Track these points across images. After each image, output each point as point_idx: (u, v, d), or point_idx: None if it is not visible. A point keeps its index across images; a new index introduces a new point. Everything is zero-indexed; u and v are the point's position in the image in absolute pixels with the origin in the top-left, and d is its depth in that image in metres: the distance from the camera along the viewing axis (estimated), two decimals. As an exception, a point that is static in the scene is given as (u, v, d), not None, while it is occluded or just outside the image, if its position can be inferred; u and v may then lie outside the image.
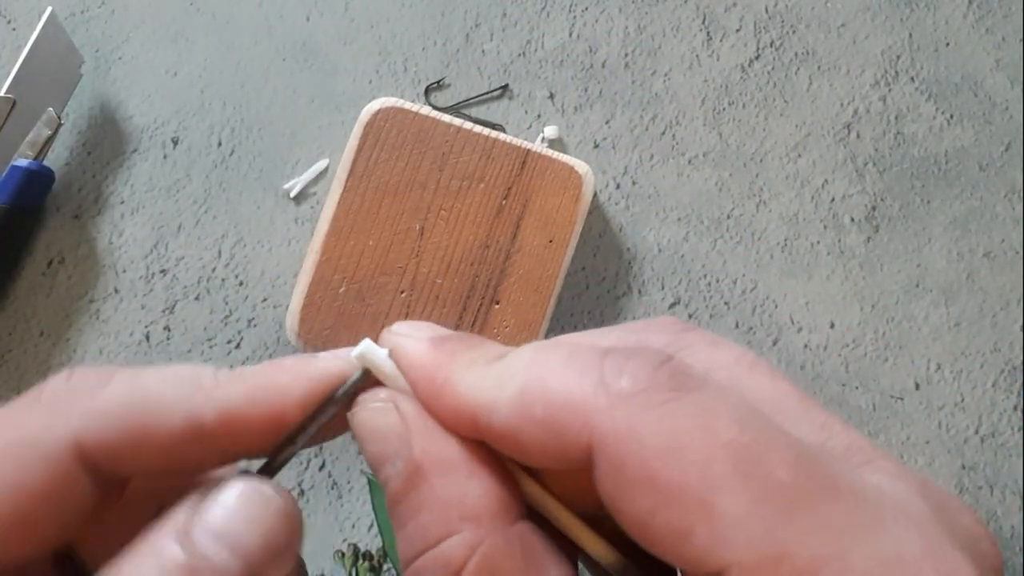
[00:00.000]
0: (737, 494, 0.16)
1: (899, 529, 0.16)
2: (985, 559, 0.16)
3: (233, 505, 0.18)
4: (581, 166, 0.41)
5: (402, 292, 0.41)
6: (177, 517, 0.18)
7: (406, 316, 0.40)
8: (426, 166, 0.41)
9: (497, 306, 0.41)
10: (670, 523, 0.16)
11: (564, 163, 0.41)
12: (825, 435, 0.18)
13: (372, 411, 0.19)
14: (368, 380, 0.20)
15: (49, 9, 0.44)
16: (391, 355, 0.20)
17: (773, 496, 0.16)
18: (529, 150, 0.41)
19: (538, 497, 0.19)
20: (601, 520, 0.19)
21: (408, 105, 0.41)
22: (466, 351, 0.20)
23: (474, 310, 0.41)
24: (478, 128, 0.41)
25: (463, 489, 0.18)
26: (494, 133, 0.41)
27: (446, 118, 0.41)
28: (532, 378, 0.18)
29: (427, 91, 0.47)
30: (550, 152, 0.41)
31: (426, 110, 0.41)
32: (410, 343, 0.20)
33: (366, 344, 0.20)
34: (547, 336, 0.41)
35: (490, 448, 0.19)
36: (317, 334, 0.40)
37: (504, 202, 0.41)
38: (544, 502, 0.19)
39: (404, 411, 0.19)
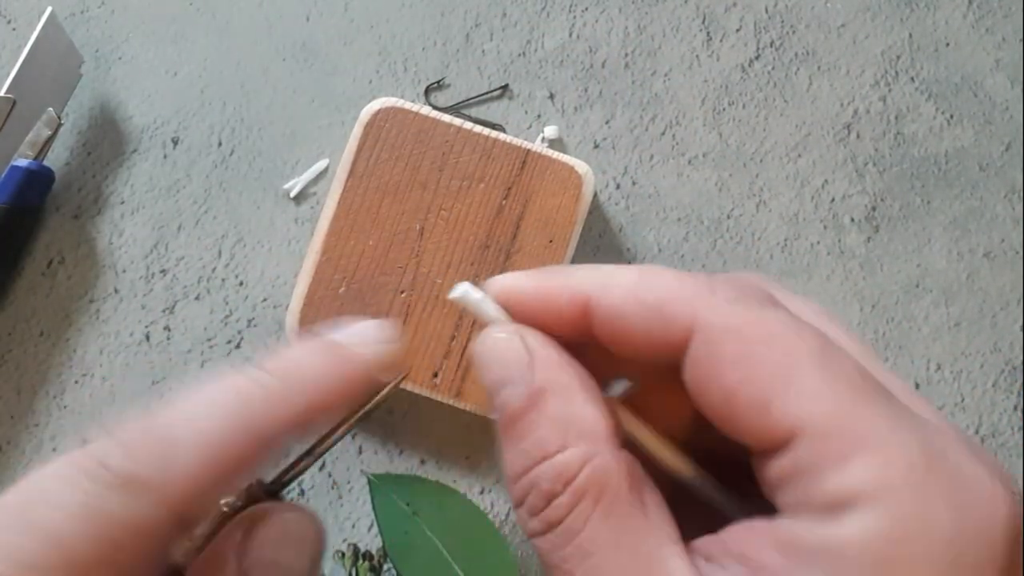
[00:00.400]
0: (814, 375, 0.19)
1: (936, 438, 0.18)
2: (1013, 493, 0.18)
3: (282, 538, 0.21)
4: (581, 166, 0.41)
5: (402, 292, 0.41)
6: (228, 555, 0.20)
7: (406, 316, 0.40)
8: (426, 166, 0.41)
9: None
10: (755, 393, 0.19)
11: (564, 163, 0.41)
12: (882, 377, 0.20)
13: (497, 340, 0.22)
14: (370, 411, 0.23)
15: (49, 9, 0.44)
16: (496, 289, 0.22)
17: (842, 382, 0.18)
18: (529, 150, 0.41)
19: (630, 422, 0.22)
20: (681, 446, 0.22)
21: (408, 105, 0.41)
22: (566, 269, 0.23)
23: None
24: (478, 128, 0.41)
25: (580, 411, 0.20)
26: (494, 133, 0.41)
27: (446, 118, 0.41)
28: (646, 273, 0.21)
29: (427, 91, 0.47)
30: (550, 152, 0.41)
31: (426, 110, 0.41)
32: (512, 276, 0.23)
33: (464, 286, 0.22)
34: None
35: (597, 387, 0.22)
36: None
37: (504, 202, 0.41)
38: (635, 426, 0.22)
39: (529, 342, 0.21)
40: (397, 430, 0.44)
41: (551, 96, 0.47)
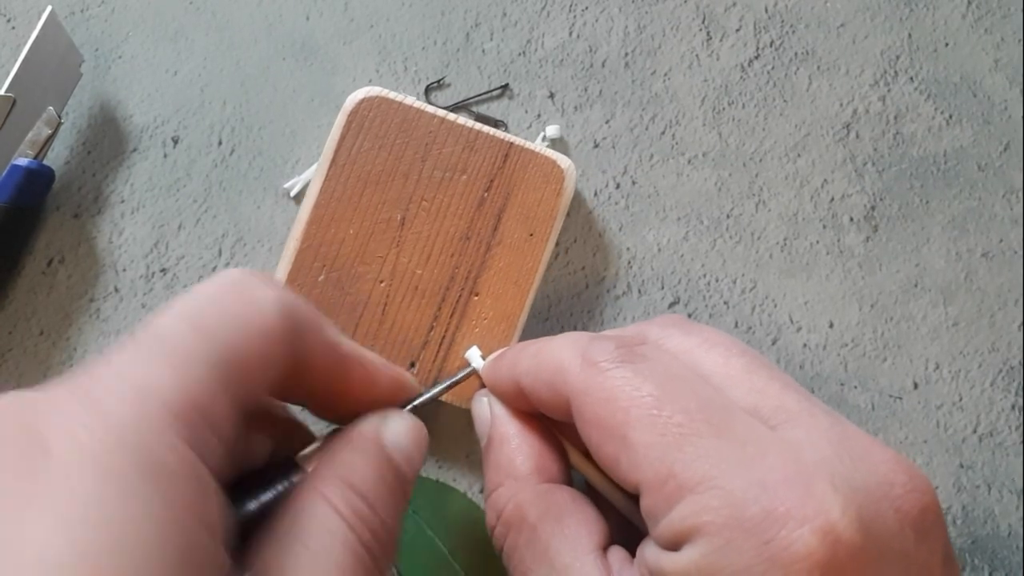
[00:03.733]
0: (644, 431, 0.22)
1: (774, 463, 0.21)
2: (891, 500, 0.20)
3: (406, 428, 0.25)
4: (563, 160, 0.41)
5: (381, 282, 0.41)
6: (366, 429, 0.25)
7: (385, 306, 0.41)
8: (409, 156, 0.41)
9: (476, 297, 0.41)
10: (607, 454, 0.23)
11: (547, 157, 0.41)
12: (757, 398, 0.24)
13: (477, 402, 0.31)
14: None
15: (49, 8, 0.43)
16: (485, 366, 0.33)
17: (669, 432, 0.22)
18: (512, 143, 0.41)
19: (575, 457, 0.28)
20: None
21: (392, 95, 0.41)
22: (521, 351, 0.29)
23: (453, 301, 0.41)
24: (462, 120, 0.41)
25: (511, 457, 0.27)
26: (478, 125, 0.42)
27: (430, 108, 0.42)
28: (543, 352, 0.27)
29: (427, 90, 0.47)
30: (533, 146, 0.42)
31: (410, 100, 0.41)
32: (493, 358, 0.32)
33: (474, 352, 0.36)
34: (525, 329, 0.41)
35: (543, 429, 0.29)
36: None
37: (486, 194, 0.41)
38: (578, 461, 0.28)
39: (492, 404, 0.29)
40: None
41: (551, 95, 0.47)
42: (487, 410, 0.29)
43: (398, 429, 0.25)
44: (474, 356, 0.32)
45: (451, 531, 0.39)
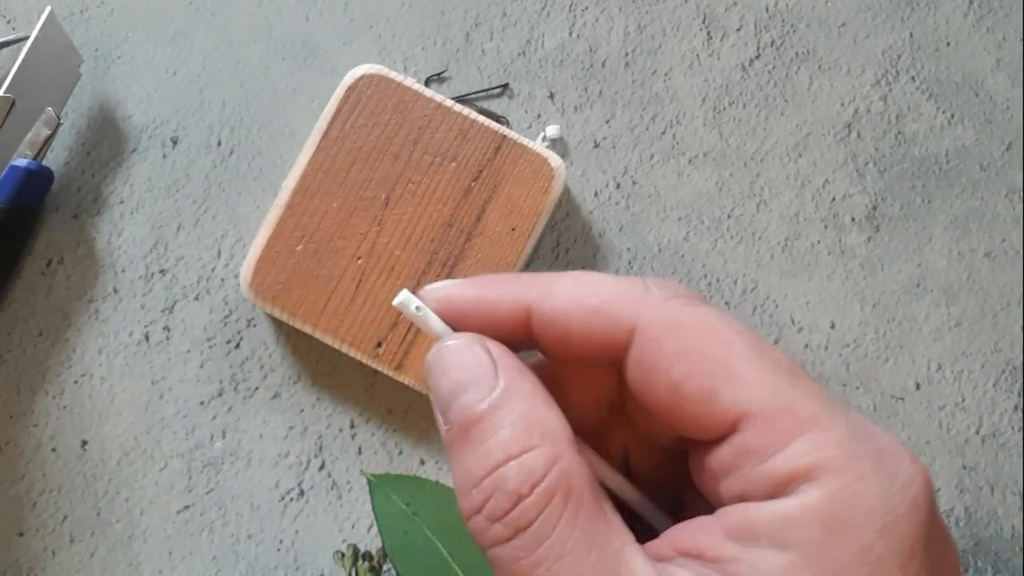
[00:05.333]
0: (753, 364, 0.20)
1: (857, 418, 0.20)
2: (908, 487, 0.19)
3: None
4: (555, 159, 0.41)
5: (359, 259, 0.41)
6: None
7: (359, 283, 0.41)
8: (401, 137, 0.41)
9: None
10: (701, 383, 0.20)
11: (538, 154, 0.41)
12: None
13: (457, 345, 0.22)
14: None
15: (48, 8, 0.43)
16: (435, 298, 0.23)
17: (780, 369, 0.20)
18: (505, 136, 0.41)
19: (580, 446, 0.22)
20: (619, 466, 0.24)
21: (392, 74, 0.42)
22: (504, 277, 0.23)
23: None
24: (458, 107, 0.41)
25: (544, 413, 0.20)
26: (473, 114, 0.42)
27: (428, 92, 0.42)
28: (585, 277, 0.22)
29: (427, 83, 0.47)
30: (526, 141, 0.42)
31: (410, 81, 0.42)
32: (451, 284, 0.23)
33: (406, 294, 0.22)
34: None
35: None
36: (268, 288, 0.41)
37: (473, 184, 0.41)
38: (584, 451, 0.22)
39: (491, 348, 0.21)
40: (397, 430, 0.44)
41: (551, 95, 0.47)
42: (484, 355, 0.21)
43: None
44: (406, 298, 0.22)
45: (451, 532, 0.39)
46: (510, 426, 0.20)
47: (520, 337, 0.22)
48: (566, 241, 0.45)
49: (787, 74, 0.48)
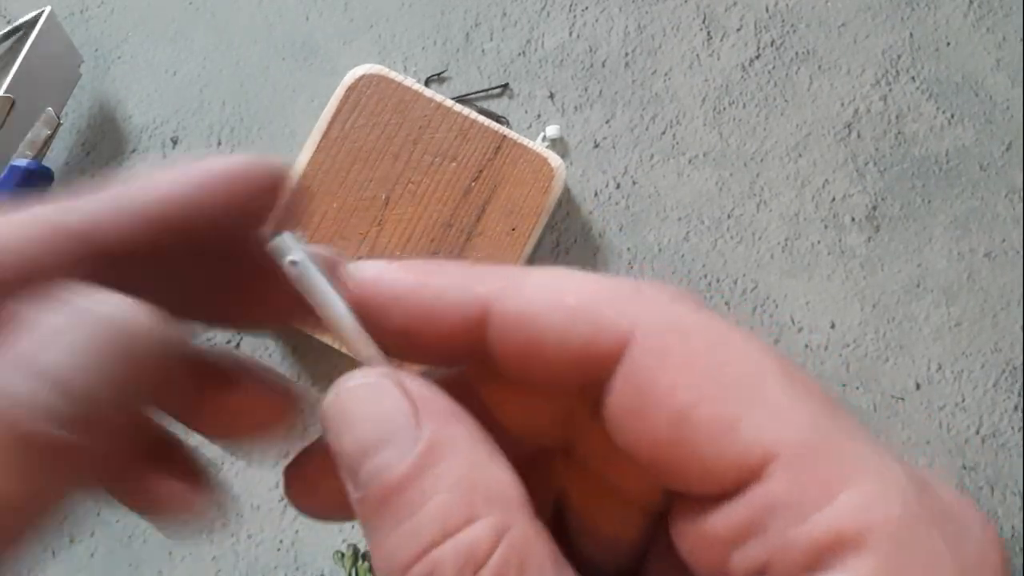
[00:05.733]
0: (785, 386, 0.15)
1: (913, 467, 0.15)
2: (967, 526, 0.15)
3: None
4: (555, 159, 0.41)
5: (359, 259, 0.41)
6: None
7: None
8: (401, 137, 0.41)
9: None
10: (716, 413, 0.15)
11: (538, 154, 0.41)
12: None
13: (364, 386, 0.16)
14: None
15: (48, 8, 0.43)
16: (360, 278, 0.17)
17: (815, 395, 0.15)
18: (505, 136, 0.41)
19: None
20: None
21: (392, 74, 0.41)
22: (455, 264, 0.17)
23: None
24: (458, 107, 0.41)
25: (486, 470, 0.16)
26: (473, 114, 0.41)
27: (428, 92, 0.42)
28: (561, 273, 0.16)
29: (427, 83, 0.47)
30: (526, 141, 0.41)
31: (409, 82, 0.42)
32: (382, 265, 0.17)
33: (288, 239, 0.16)
34: None
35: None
36: None
37: (473, 184, 0.41)
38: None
39: (409, 385, 0.16)
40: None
41: (551, 95, 0.47)
42: (399, 395, 0.16)
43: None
44: (287, 242, 0.16)
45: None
46: (445, 491, 0.15)
47: (465, 346, 0.17)
48: (566, 241, 0.45)
49: (787, 74, 0.48)
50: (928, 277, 0.46)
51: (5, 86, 0.42)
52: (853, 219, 0.46)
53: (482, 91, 0.47)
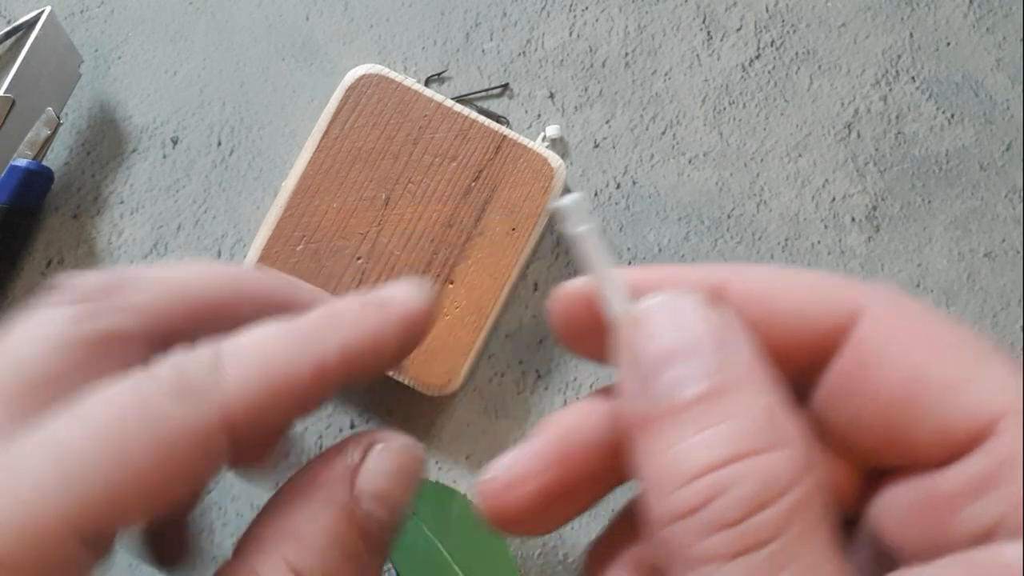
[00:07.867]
0: (1002, 356, 0.16)
1: None
2: None
3: (397, 470, 0.20)
4: (555, 159, 0.42)
5: (358, 259, 0.41)
6: (337, 476, 0.19)
7: (359, 283, 0.41)
8: (401, 137, 0.41)
9: (451, 286, 0.41)
10: (949, 372, 0.16)
11: (538, 154, 0.41)
12: None
13: (676, 303, 0.16)
14: None
15: (48, 8, 0.43)
16: (626, 278, 0.18)
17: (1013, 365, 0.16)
18: (505, 136, 0.42)
19: None
20: None
21: (392, 74, 0.42)
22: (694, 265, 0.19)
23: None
24: (458, 107, 0.42)
25: (784, 410, 0.16)
26: (473, 114, 0.42)
27: (428, 92, 0.42)
28: (791, 270, 0.18)
29: (427, 83, 0.47)
30: (526, 141, 0.42)
31: (410, 81, 0.42)
32: (629, 270, 0.19)
33: (577, 198, 0.17)
34: (498, 327, 0.41)
35: None
36: None
37: (473, 184, 0.41)
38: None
39: (724, 311, 0.16)
40: (397, 431, 0.44)
41: (551, 95, 0.47)
42: (713, 318, 0.16)
43: (378, 468, 0.19)
44: (579, 204, 0.18)
45: (451, 533, 0.39)
46: (744, 416, 0.15)
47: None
48: (566, 241, 0.45)
49: (787, 74, 0.48)
50: (928, 277, 0.46)
51: (5, 86, 0.42)
52: (853, 219, 0.46)
53: (482, 91, 0.47)
